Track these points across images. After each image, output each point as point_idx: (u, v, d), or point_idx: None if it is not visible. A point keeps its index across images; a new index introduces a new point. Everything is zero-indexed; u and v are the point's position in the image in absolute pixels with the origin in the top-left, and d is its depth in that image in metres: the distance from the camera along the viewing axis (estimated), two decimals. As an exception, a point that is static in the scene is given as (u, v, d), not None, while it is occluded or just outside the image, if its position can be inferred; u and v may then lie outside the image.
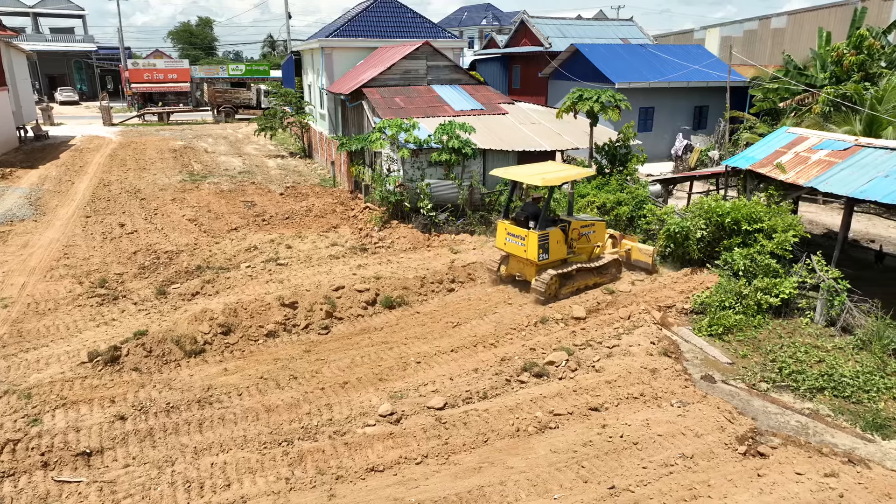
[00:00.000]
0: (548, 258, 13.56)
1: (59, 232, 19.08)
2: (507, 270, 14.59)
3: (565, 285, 13.85)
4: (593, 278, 14.34)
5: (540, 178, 13.66)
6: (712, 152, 26.69)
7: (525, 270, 14.09)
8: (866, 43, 22.48)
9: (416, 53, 23.96)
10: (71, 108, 59.80)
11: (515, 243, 13.78)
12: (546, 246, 13.45)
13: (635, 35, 38.50)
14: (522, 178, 14.00)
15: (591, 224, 14.58)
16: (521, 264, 14.14)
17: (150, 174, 27.78)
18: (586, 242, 14.42)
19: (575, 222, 14.24)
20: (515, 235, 13.78)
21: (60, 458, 8.35)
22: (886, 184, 12.02)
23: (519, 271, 14.34)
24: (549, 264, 13.69)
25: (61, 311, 13.39)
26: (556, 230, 13.68)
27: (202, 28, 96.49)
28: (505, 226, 14.09)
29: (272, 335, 12.19)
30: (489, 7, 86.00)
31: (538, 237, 13.25)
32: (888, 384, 9.86)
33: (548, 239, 13.46)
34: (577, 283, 14.03)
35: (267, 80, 56.32)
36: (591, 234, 14.48)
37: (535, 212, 13.77)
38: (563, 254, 13.88)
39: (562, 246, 13.79)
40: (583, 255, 14.36)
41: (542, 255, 13.43)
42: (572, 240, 14.09)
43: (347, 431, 9.07)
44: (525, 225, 13.73)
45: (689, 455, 8.32)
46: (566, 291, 13.84)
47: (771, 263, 12.60)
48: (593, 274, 14.35)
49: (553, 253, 13.62)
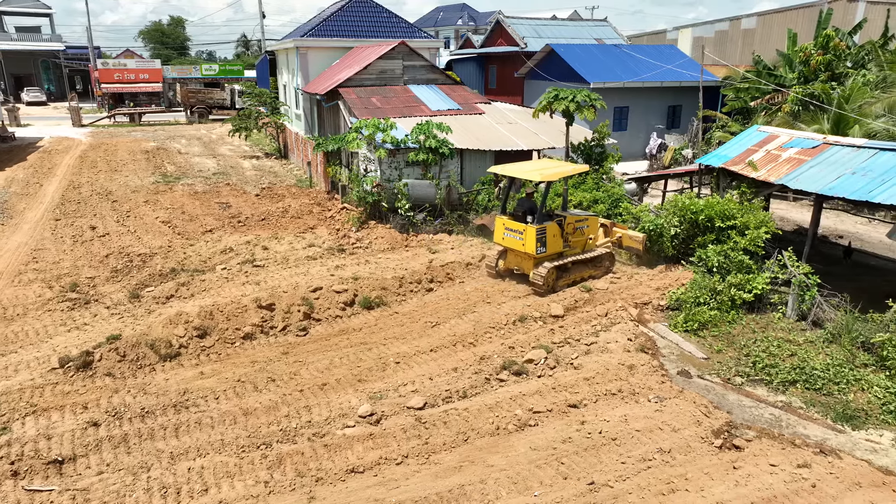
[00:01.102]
0: (545, 251, 13.94)
1: (27, 235, 18.63)
2: (506, 265, 14.95)
3: (562, 277, 14.24)
4: (588, 270, 14.75)
5: (538, 173, 14.02)
6: (686, 151, 27.08)
7: (523, 264, 14.45)
8: (832, 43, 23.04)
9: (392, 53, 23.90)
10: (38, 108, 58.39)
11: (514, 238, 14.14)
12: (544, 240, 13.83)
13: (609, 35, 38.89)
14: (521, 174, 14.34)
15: (585, 218, 14.96)
16: (519, 258, 14.51)
17: (122, 176, 27.28)
18: (581, 236, 14.80)
19: (570, 216, 14.65)
20: (514, 230, 14.14)
21: (31, 467, 8.15)
22: (853, 181, 12.31)
23: (517, 265, 14.70)
24: (546, 257, 14.04)
25: (30, 316, 13.08)
26: (552, 224, 14.08)
27: (174, 27, 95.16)
28: (503, 221, 14.45)
29: (249, 337, 12.06)
30: (465, 7, 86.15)
31: (536, 231, 13.63)
32: (857, 376, 10.10)
33: (545, 233, 13.84)
34: (573, 275, 14.42)
35: (241, 80, 55.67)
36: (585, 227, 14.85)
37: (532, 207, 14.14)
38: (560, 247, 14.29)
39: (558, 239, 14.19)
40: (577, 248, 14.76)
41: (540, 248, 13.80)
42: (567, 234, 14.47)
43: (327, 433, 9.00)
44: (523, 220, 14.08)
45: (667, 449, 8.43)
46: (563, 283, 14.23)
47: (744, 260, 12.82)
48: (588, 266, 14.75)
49: (550, 246, 14.03)
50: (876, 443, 8.74)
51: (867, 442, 8.76)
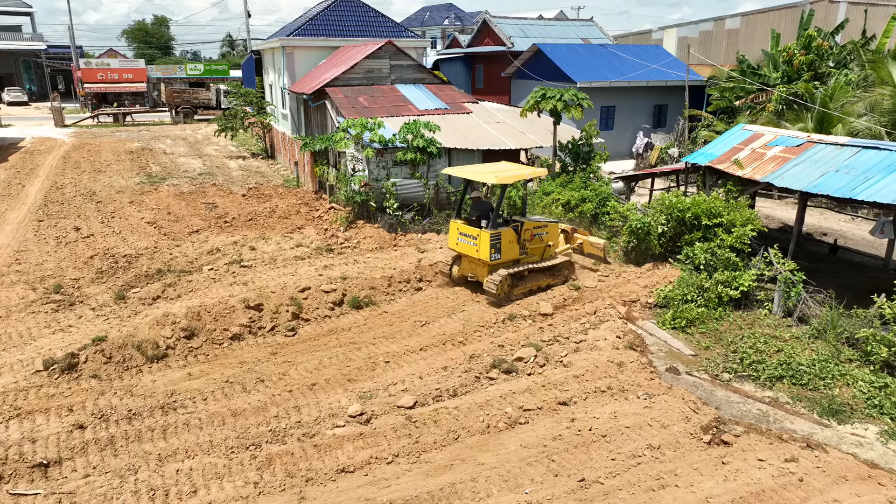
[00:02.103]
0: (500, 258, 13.37)
1: (9, 237, 18.36)
2: (460, 271, 14.38)
3: (517, 286, 13.73)
4: (545, 279, 14.23)
5: (493, 176, 13.52)
6: (672, 150, 27.29)
7: (477, 271, 13.86)
8: (815, 43, 23.32)
9: (379, 53, 23.85)
10: (19, 108, 57.59)
11: (468, 243, 13.59)
12: (498, 246, 13.28)
13: (595, 35, 39.08)
14: (475, 176, 13.80)
15: (544, 225, 14.41)
16: (473, 265, 13.93)
17: (106, 176, 26.97)
18: (539, 243, 14.27)
19: (528, 222, 14.09)
20: (468, 235, 13.59)
21: (15, 471, 8.03)
22: (837, 178, 12.46)
23: (471, 272, 14.09)
24: (502, 264, 13.50)
25: (13, 318, 12.89)
26: (508, 230, 13.52)
27: (158, 27, 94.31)
28: (457, 225, 13.86)
29: (237, 338, 11.97)
30: (451, 7, 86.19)
31: (490, 237, 13.08)
32: (842, 371, 10.22)
33: (500, 239, 13.30)
34: (530, 283, 13.92)
35: (227, 79, 55.31)
36: (543, 234, 14.34)
37: (488, 211, 13.57)
38: (516, 254, 13.72)
39: (514, 246, 13.63)
40: (535, 256, 14.23)
41: (495, 254, 13.24)
42: (525, 240, 13.92)
43: (317, 433, 8.95)
44: (477, 224, 13.54)
45: (656, 446, 8.47)
46: (518, 292, 13.71)
47: (730, 257, 12.93)
48: (545, 275, 14.24)
49: (505, 253, 13.45)
50: (861, 437, 8.85)
51: (853, 436, 8.87)
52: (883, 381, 9.83)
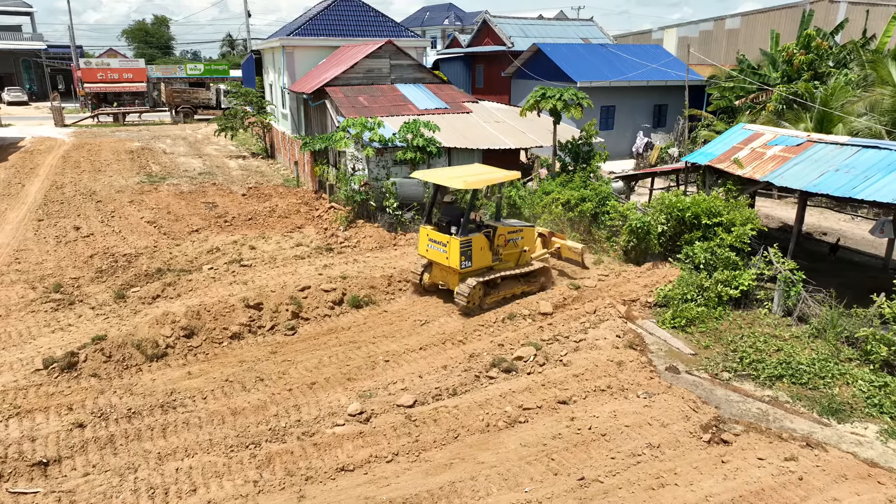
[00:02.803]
0: (471, 266, 12.79)
1: (9, 236, 18.36)
2: (430, 279, 13.83)
3: (490, 294, 13.17)
4: (520, 286, 13.66)
5: (461, 180, 12.86)
6: (672, 149, 27.29)
7: (448, 279, 13.29)
8: (814, 43, 23.32)
9: (379, 52, 23.84)
10: (19, 108, 57.57)
11: (437, 250, 13.02)
12: (469, 253, 12.69)
13: (595, 35, 39.07)
14: (443, 180, 13.19)
15: (519, 229, 13.84)
16: (444, 272, 13.35)
17: (106, 176, 26.96)
18: (514, 248, 13.71)
19: (501, 228, 13.51)
20: (437, 242, 13.01)
21: (15, 469, 8.03)
22: (837, 178, 12.46)
23: (442, 280, 13.52)
24: (473, 272, 12.93)
25: (13, 317, 12.88)
26: (479, 236, 12.94)
27: (158, 27, 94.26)
28: (427, 231, 13.29)
29: (237, 337, 11.97)
30: (451, 7, 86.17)
31: (460, 244, 12.48)
32: (842, 370, 10.22)
33: (470, 245, 12.70)
34: (503, 291, 13.39)
35: (227, 79, 55.29)
36: (518, 239, 13.76)
37: (458, 216, 13.02)
38: (488, 261, 13.17)
39: (486, 253, 13.07)
40: (510, 262, 13.68)
41: (465, 262, 12.66)
42: (498, 246, 13.38)
43: (316, 432, 8.95)
44: (447, 230, 12.98)
45: (656, 444, 8.47)
46: (491, 301, 13.16)
47: (730, 256, 12.93)
48: (520, 282, 13.68)
49: (477, 260, 12.87)
50: (861, 435, 8.85)
51: (852, 435, 8.87)
52: (882, 381, 9.83)
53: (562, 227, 16.91)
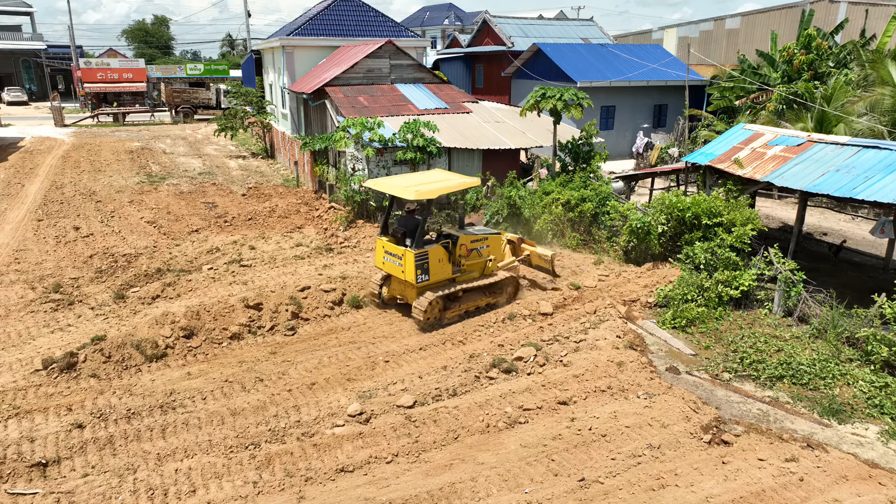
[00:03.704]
0: (428, 280, 12.14)
1: (8, 236, 18.34)
2: (389, 292, 13.22)
3: (450, 308, 12.57)
4: (485, 298, 13.07)
5: (413, 190, 11.93)
6: (672, 149, 27.27)
7: (406, 292, 12.67)
8: (814, 43, 23.31)
9: (379, 52, 23.83)
10: (19, 108, 57.56)
11: (393, 263, 12.36)
12: (425, 266, 12.04)
13: (596, 35, 39.06)
14: (394, 190, 12.35)
15: (484, 238, 13.17)
16: (402, 286, 12.72)
17: (106, 176, 26.95)
18: (478, 258, 13.06)
19: (464, 237, 12.86)
20: (392, 254, 12.35)
21: (14, 470, 8.01)
22: (838, 178, 12.44)
23: (401, 293, 12.94)
24: (431, 286, 12.29)
25: (12, 317, 12.87)
26: (436, 248, 12.27)
27: (158, 27, 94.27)
28: (382, 243, 12.64)
29: (237, 337, 11.96)
30: (451, 7, 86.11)
31: (415, 256, 11.84)
32: (843, 371, 10.20)
33: (427, 258, 12.05)
34: (466, 304, 12.79)
35: (226, 79, 55.32)
36: (483, 248, 13.13)
37: (414, 228, 12.25)
38: (448, 273, 12.50)
39: (445, 265, 12.41)
40: (474, 273, 13.06)
41: (421, 276, 12.00)
42: (461, 256, 12.77)
43: (316, 432, 8.94)
44: (403, 242, 12.34)
45: (656, 445, 8.46)
46: (452, 315, 12.58)
47: (731, 256, 12.91)
48: (485, 293, 13.09)
49: (435, 273, 12.23)
50: (862, 436, 8.83)
51: (853, 436, 8.85)
52: (883, 381, 9.81)
53: (562, 227, 16.90)
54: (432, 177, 13.44)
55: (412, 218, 12.58)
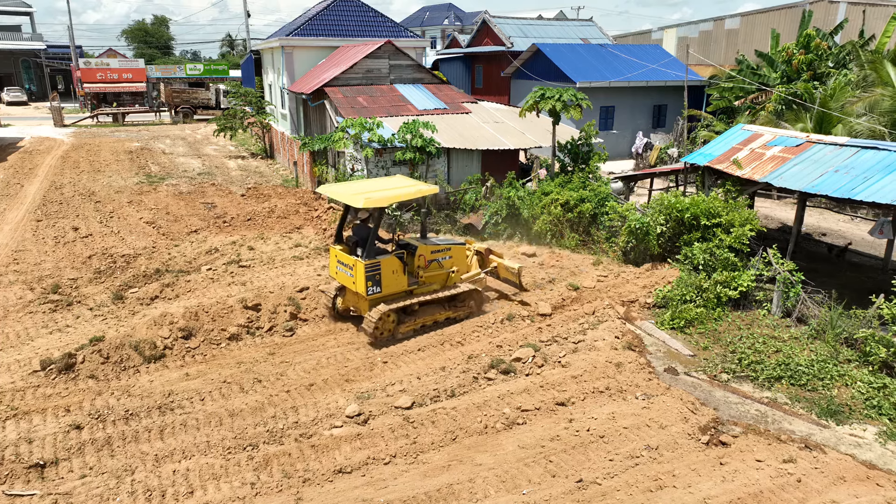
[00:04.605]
0: (380, 292, 11.60)
1: (7, 237, 18.34)
2: (344, 303, 12.69)
3: (405, 322, 12.03)
4: (444, 312, 12.51)
5: (363, 197, 11.25)
6: (671, 150, 27.27)
7: (359, 304, 12.15)
8: (813, 43, 23.31)
9: (379, 53, 23.84)
10: (19, 108, 57.57)
11: (345, 273, 11.86)
12: (377, 278, 11.50)
13: (595, 35, 39.06)
14: (343, 197, 11.69)
15: (446, 248, 12.65)
16: (355, 297, 12.20)
17: (105, 176, 26.95)
18: (438, 269, 12.53)
19: (423, 247, 12.33)
20: (344, 264, 11.82)
21: (12, 471, 8.01)
22: (836, 178, 12.45)
23: (354, 305, 12.44)
24: (385, 298, 11.77)
25: (11, 318, 12.87)
26: (390, 258, 11.71)
27: (158, 27, 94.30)
28: (335, 252, 12.16)
29: (235, 338, 11.95)
30: (451, 7, 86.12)
31: (365, 267, 11.31)
32: (841, 371, 10.20)
33: (379, 269, 11.50)
34: (422, 318, 12.23)
35: (226, 79, 55.32)
36: (445, 259, 12.61)
37: (367, 236, 11.65)
38: (403, 285, 11.97)
39: (400, 277, 11.86)
40: (434, 285, 12.52)
41: (373, 288, 11.47)
42: (419, 267, 12.26)
43: (314, 434, 8.94)
44: (355, 252, 11.86)
45: (654, 446, 8.46)
46: (406, 329, 12.03)
47: (729, 257, 12.91)
48: (444, 307, 12.55)
49: (388, 285, 11.69)
50: (860, 437, 8.83)
51: (851, 437, 8.85)
52: (881, 382, 9.81)
53: (561, 227, 16.89)
54: (388, 184, 12.83)
55: (365, 227, 12.03)
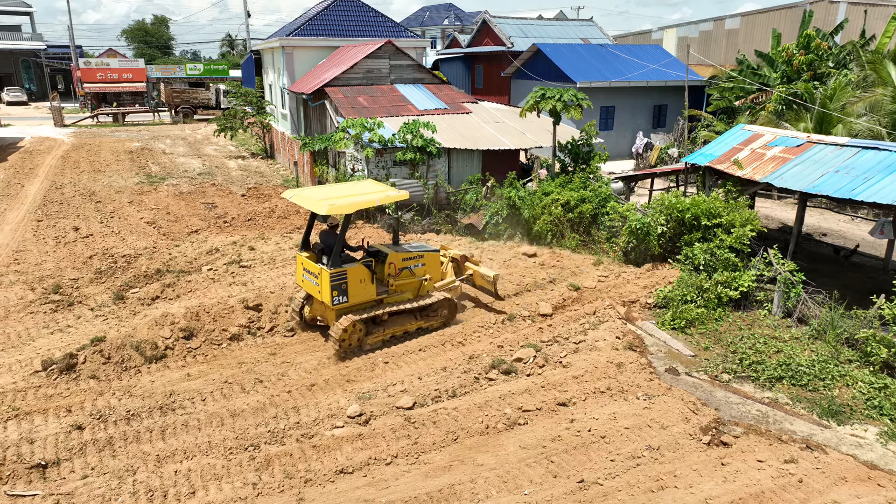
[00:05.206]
0: (346, 301, 11.17)
1: (8, 237, 18.34)
2: (311, 312, 12.28)
3: (373, 333, 11.62)
4: (415, 322, 12.12)
5: (326, 204, 10.74)
6: (672, 150, 27.27)
7: (326, 314, 11.74)
8: (814, 44, 23.32)
9: (379, 53, 23.84)
10: (19, 108, 57.57)
11: (311, 282, 11.45)
12: (343, 287, 11.06)
13: (595, 35, 39.06)
14: (307, 202, 11.21)
15: (419, 255, 12.24)
16: (322, 307, 11.78)
17: (106, 176, 26.95)
18: (410, 278, 12.14)
19: (393, 255, 11.90)
20: (310, 272, 11.41)
21: (13, 472, 8.01)
22: (837, 179, 12.45)
23: (321, 315, 12.09)
24: (353, 308, 11.37)
25: (12, 318, 12.87)
26: (357, 267, 11.27)
27: (158, 27, 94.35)
28: (301, 259, 11.73)
29: (236, 338, 11.95)
30: (451, 7, 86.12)
31: (331, 276, 10.87)
32: (842, 372, 10.20)
33: (345, 278, 11.06)
34: (392, 328, 11.85)
35: (226, 79, 55.35)
36: (417, 267, 12.22)
37: (333, 243, 11.20)
38: (372, 295, 11.55)
39: (368, 286, 11.42)
40: (406, 294, 12.13)
41: (339, 297, 11.05)
42: (389, 276, 11.83)
43: (315, 434, 8.94)
44: (321, 259, 11.50)
45: (656, 447, 8.46)
46: (374, 341, 11.61)
47: (730, 257, 12.91)
48: (415, 316, 12.16)
49: (355, 295, 11.25)
50: (861, 438, 8.84)
51: (852, 437, 8.85)
52: (882, 382, 9.82)
53: (561, 228, 16.89)
54: (356, 189, 12.30)
55: (333, 233, 11.55)
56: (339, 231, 11.22)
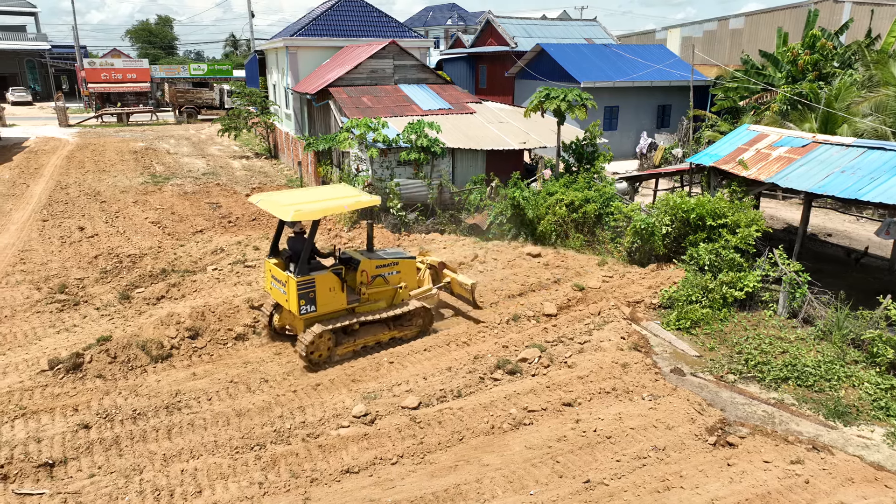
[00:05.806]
0: (315, 311, 10.76)
1: (14, 237, 18.40)
2: (280, 321, 11.87)
3: (343, 343, 11.19)
4: (389, 332, 11.70)
5: (292, 209, 10.28)
6: (676, 150, 27.23)
7: (294, 323, 11.31)
8: (819, 43, 23.26)
9: (383, 53, 23.86)
10: (24, 108, 57.74)
11: (279, 289, 11.07)
12: (311, 295, 10.63)
13: (599, 35, 39.02)
14: (273, 207, 10.84)
15: (393, 262, 11.82)
16: (290, 315, 11.36)
17: (111, 176, 27.03)
18: (384, 285, 11.72)
19: (366, 262, 11.47)
20: (278, 280, 11.04)
21: (21, 470, 8.05)
22: (843, 179, 12.42)
23: (289, 323, 11.68)
24: (322, 317, 10.94)
25: (18, 318, 12.91)
26: (326, 275, 10.80)
27: (162, 27, 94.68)
28: (270, 266, 11.33)
29: (241, 338, 11.97)
30: (454, 7, 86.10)
31: (297, 284, 10.46)
32: (848, 372, 10.19)
33: (313, 286, 10.63)
34: (364, 338, 11.44)
35: (230, 79, 55.46)
36: (391, 274, 11.79)
37: (301, 250, 10.78)
38: (342, 303, 11.11)
39: (338, 294, 10.97)
40: (381, 302, 11.73)
41: (307, 307, 10.62)
42: (361, 284, 11.43)
43: (321, 433, 8.95)
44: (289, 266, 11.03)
45: (661, 447, 8.45)
46: (344, 351, 11.20)
47: (735, 258, 12.89)
48: (388, 326, 11.74)
49: (324, 304, 10.82)
50: (867, 438, 8.82)
51: (859, 438, 8.84)
52: (889, 383, 9.79)
53: (566, 228, 16.88)
54: (325, 194, 11.89)
55: (301, 239, 11.04)
56: (306, 237, 10.79)
